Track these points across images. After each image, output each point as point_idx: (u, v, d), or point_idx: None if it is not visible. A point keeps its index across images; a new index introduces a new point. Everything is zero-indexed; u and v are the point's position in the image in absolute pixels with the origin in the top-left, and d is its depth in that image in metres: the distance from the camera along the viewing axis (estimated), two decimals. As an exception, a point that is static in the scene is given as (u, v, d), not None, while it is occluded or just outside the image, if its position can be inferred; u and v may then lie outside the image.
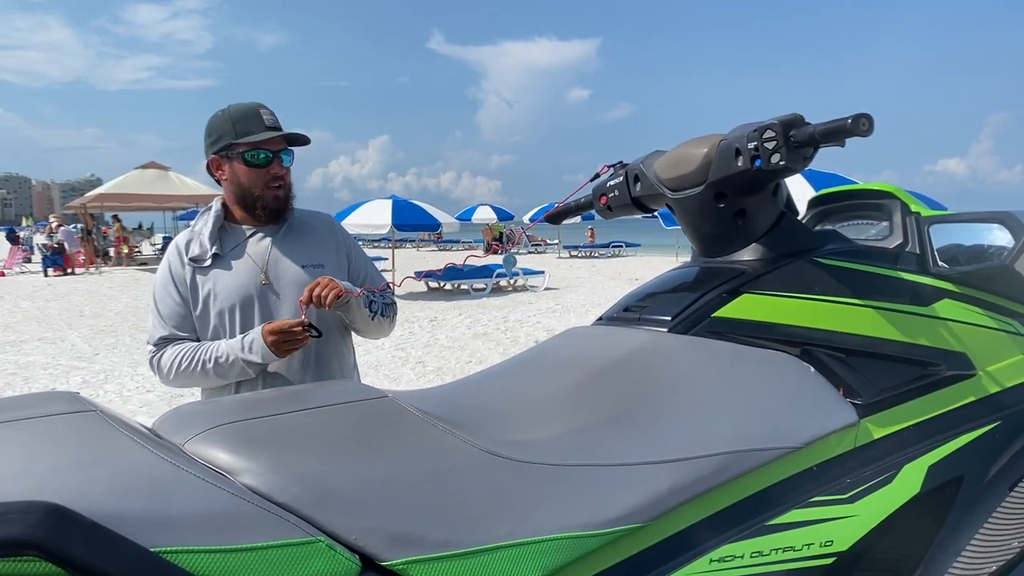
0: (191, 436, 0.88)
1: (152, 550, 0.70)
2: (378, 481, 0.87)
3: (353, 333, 2.23)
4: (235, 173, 2.03)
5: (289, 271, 2.06)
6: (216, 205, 2.11)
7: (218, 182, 2.10)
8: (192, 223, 2.15)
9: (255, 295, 2.02)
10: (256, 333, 1.93)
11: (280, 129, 2.03)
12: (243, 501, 0.78)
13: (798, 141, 1.16)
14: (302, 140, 2.10)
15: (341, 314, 2.06)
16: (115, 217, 23.52)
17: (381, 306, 2.15)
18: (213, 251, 2.04)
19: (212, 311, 2.02)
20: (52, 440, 0.78)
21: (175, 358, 1.99)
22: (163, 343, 2.03)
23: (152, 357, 2.05)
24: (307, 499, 0.81)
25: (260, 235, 2.09)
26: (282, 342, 1.91)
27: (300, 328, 1.90)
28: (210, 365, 1.95)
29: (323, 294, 1.90)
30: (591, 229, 32.71)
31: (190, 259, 2.04)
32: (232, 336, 2.00)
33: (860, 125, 1.10)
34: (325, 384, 1.66)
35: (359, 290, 2.03)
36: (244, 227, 2.10)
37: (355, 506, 0.83)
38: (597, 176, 1.63)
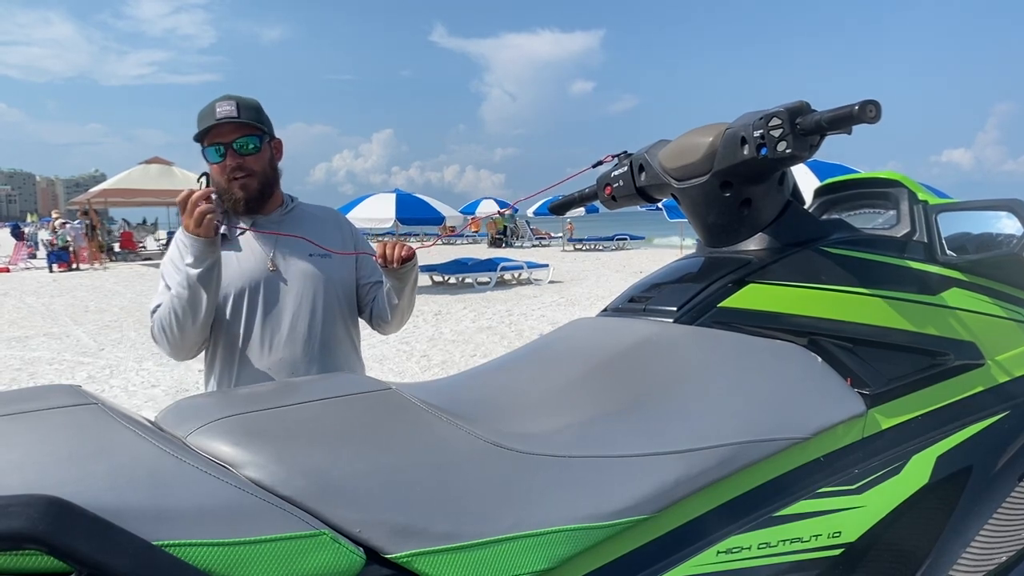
0: (193, 429, 0.87)
1: (154, 543, 0.69)
2: (382, 473, 0.86)
3: (358, 327, 2.23)
4: (209, 171, 2.05)
5: (296, 259, 2.06)
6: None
7: None
8: None
9: (261, 281, 2.02)
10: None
11: (233, 119, 1.97)
12: (246, 494, 0.77)
13: (804, 129, 1.15)
14: (251, 128, 2.01)
15: (396, 281, 2.05)
16: (85, 212, 23.37)
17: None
18: (221, 231, 2.03)
19: (218, 292, 1.99)
20: (54, 433, 0.77)
21: (159, 317, 1.98)
22: (158, 308, 2.01)
23: (152, 327, 2.02)
24: (311, 492, 0.81)
25: (264, 224, 2.08)
26: (191, 214, 1.82)
27: (199, 193, 1.83)
28: (176, 299, 1.91)
29: (394, 253, 1.97)
30: (570, 223, 32.44)
31: None
32: (239, 321, 2.00)
33: (867, 112, 1.08)
34: (329, 376, 1.65)
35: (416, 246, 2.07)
36: (245, 216, 2.10)
37: (359, 498, 0.82)
38: (599, 163, 1.62)
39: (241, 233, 2.06)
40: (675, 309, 1.23)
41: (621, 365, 1.13)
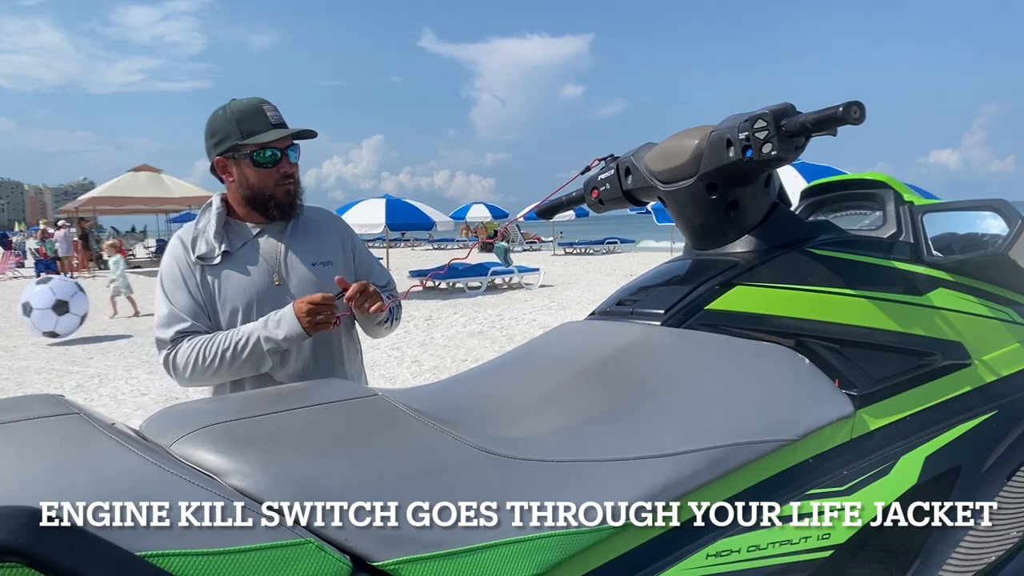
0: (177, 438, 0.86)
1: (137, 554, 0.69)
2: (368, 480, 0.86)
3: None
4: (244, 174, 1.98)
5: (300, 270, 2.02)
6: (216, 202, 2.05)
7: (222, 182, 2.05)
8: (195, 221, 2.07)
9: (268, 295, 1.98)
10: (286, 308, 1.90)
11: (285, 125, 1.99)
12: (230, 503, 0.77)
13: (789, 131, 1.15)
14: (309, 134, 2.06)
15: (364, 316, 2.05)
16: (57, 223, 23.32)
17: (396, 308, 2.15)
18: (222, 249, 1.98)
19: (223, 310, 1.96)
20: (35, 443, 0.77)
21: (192, 352, 1.90)
22: (180, 337, 1.93)
23: (168, 354, 1.94)
24: (296, 500, 0.80)
25: (268, 234, 2.04)
26: (315, 314, 1.87)
27: (332, 302, 1.88)
28: (229, 353, 1.88)
29: (368, 305, 1.93)
30: (524, 231, 32.63)
31: (197, 257, 1.98)
32: None
33: (852, 113, 1.08)
34: (314, 383, 1.64)
35: (389, 301, 2.04)
36: (249, 224, 2.05)
37: (345, 506, 0.82)
38: (588, 169, 1.62)
39: (243, 247, 2.03)
40: (663, 312, 1.23)
41: (609, 369, 1.13)
